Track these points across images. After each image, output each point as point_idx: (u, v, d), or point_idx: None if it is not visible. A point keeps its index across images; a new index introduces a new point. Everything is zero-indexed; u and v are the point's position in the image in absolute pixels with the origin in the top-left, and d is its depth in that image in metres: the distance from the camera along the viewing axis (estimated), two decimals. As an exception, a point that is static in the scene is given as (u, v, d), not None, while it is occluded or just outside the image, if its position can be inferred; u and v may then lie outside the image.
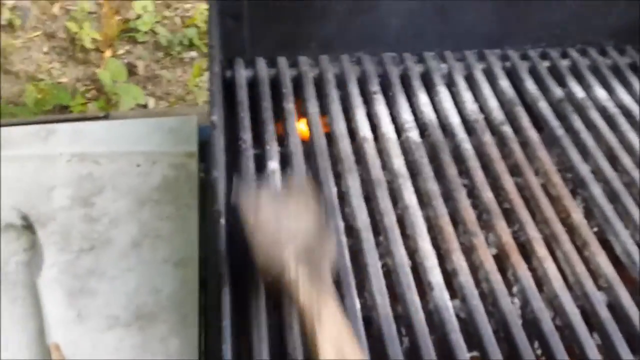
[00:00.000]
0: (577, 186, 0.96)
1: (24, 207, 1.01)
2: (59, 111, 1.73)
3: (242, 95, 1.06)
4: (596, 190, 0.94)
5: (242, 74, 1.11)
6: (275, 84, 1.09)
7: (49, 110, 1.72)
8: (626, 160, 0.98)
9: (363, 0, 1.11)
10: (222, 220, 0.75)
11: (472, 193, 0.94)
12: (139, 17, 2.03)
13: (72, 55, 1.98)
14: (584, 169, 0.97)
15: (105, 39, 1.98)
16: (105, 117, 1.34)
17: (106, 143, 1.15)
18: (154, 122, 1.20)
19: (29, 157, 1.10)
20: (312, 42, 1.15)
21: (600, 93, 1.11)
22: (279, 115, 1.04)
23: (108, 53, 1.98)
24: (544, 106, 1.08)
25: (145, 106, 1.89)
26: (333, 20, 1.14)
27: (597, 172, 0.97)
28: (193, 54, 2.04)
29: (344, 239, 0.85)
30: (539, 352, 0.76)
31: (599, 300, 0.80)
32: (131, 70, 1.97)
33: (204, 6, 2.06)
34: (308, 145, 0.99)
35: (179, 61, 2.02)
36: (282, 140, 0.99)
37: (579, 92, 1.11)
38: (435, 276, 0.81)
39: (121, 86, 1.84)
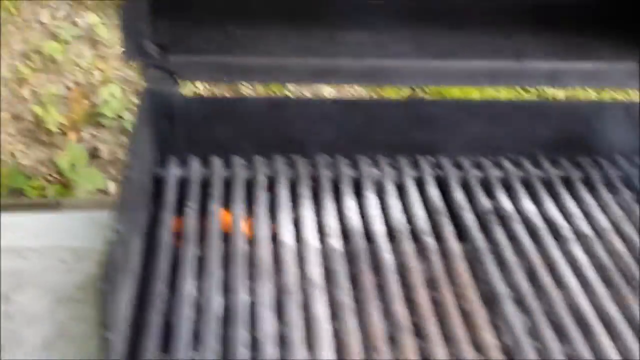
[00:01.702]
0: (491, 302, 0.95)
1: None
2: (13, 194, 1.74)
3: (169, 194, 1.07)
4: (509, 308, 0.93)
5: (173, 173, 1.12)
6: (206, 185, 1.10)
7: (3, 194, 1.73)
8: (545, 279, 0.98)
9: (291, 104, 1.14)
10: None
11: (385, 306, 0.93)
12: (106, 102, 2.07)
13: (36, 137, 2.00)
14: (500, 285, 0.96)
15: (70, 122, 2.01)
16: (57, 205, 1.35)
17: (37, 236, 1.15)
18: (88, 215, 1.20)
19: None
20: (246, 143, 1.17)
21: (528, 206, 1.12)
22: (204, 216, 1.04)
23: (72, 136, 2.01)
24: (469, 217, 1.09)
25: (105, 191, 1.90)
26: (266, 123, 1.16)
27: (513, 289, 0.96)
28: (158, 140, 2.06)
29: (244, 350, 0.84)
30: None
31: None
32: (94, 154, 1.99)
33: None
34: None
35: (143, 147, 2.04)
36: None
37: (506, 204, 1.12)
38: (330, 395, 0.79)
39: (80, 171, 1.85)
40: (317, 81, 1.33)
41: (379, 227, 1.05)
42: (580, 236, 1.06)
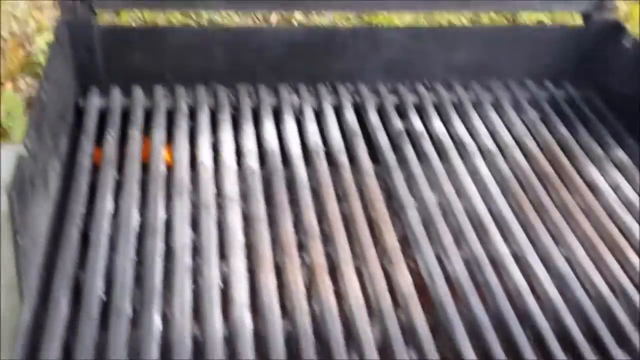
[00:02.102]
0: (397, 212, 1.01)
1: None
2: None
3: (89, 123, 1.10)
4: (413, 216, 0.99)
5: (95, 103, 1.14)
6: (127, 113, 1.13)
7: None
8: (449, 189, 1.04)
9: (212, 33, 1.17)
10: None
11: (297, 217, 0.98)
12: (42, 51, 2.05)
13: (-28, 87, 1.98)
14: (407, 197, 1.02)
15: (6, 72, 2.00)
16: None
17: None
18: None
19: None
20: (167, 73, 1.19)
21: (439, 126, 1.17)
22: (125, 142, 1.07)
23: (8, 86, 1.99)
24: (382, 137, 1.14)
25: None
26: (187, 52, 1.19)
27: (418, 200, 1.03)
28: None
29: (158, 259, 0.88)
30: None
31: (392, 317, 0.84)
32: (30, 102, 1.98)
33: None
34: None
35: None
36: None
37: (418, 125, 1.17)
38: (239, 294, 0.85)
39: (17, 119, 1.85)
40: (232, 8, 1.33)
41: (295, 149, 1.10)
42: (484, 152, 1.13)
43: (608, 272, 0.93)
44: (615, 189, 1.08)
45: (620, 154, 1.15)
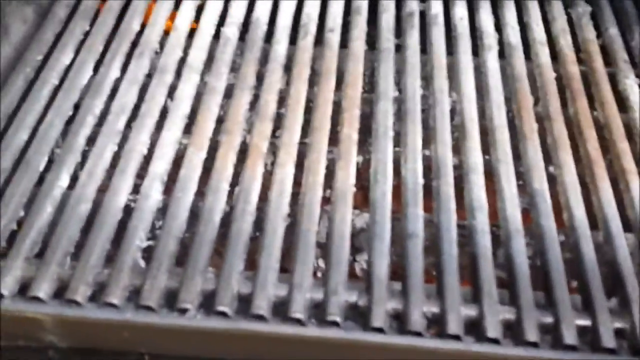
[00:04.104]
0: (374, 100, 0.88)
1: None
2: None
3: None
4: (386, 106, 0.86)
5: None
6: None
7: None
8: (441, 82, 0.89)
9: None
10: None
11: (257, 95, 0.88)
12: None
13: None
14: (387, 84, 0.89)
15: None
16: None
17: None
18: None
19: None
20: None
21: (461, 11, 1.00)
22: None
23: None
24: (388, 18, 0.99)
25: None
26: None
27: (401, 90, 0.89)
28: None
29: (91, 119, 0.83)
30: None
31: (314, 211, 0.74)
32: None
33: None
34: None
35: None
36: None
37: (437, 8, 1.00)
38: (157, 165, 0.78)
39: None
40: None
41: (284, 21, 0.98)
42: (504, 45, 0.95)
43: (597, 201, 0.76)
44: (652, 106, 0.87)
45: (679, 67, 0.93)
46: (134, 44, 0.94)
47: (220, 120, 0.85)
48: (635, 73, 0.92)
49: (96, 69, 0.90)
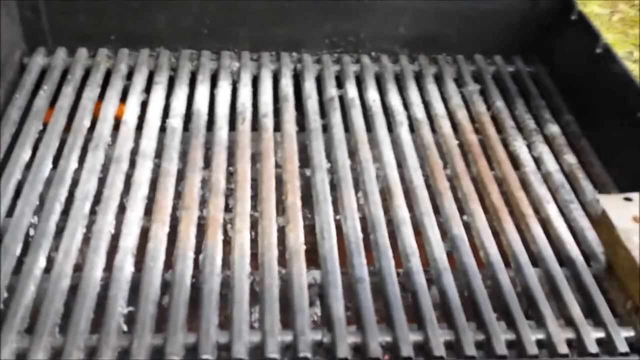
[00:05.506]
0: (311, 172, 1.01)
1: None
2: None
3: (28, 79, 1.13)
4: (322, 176, 0.99)
5: (38, 61, 1.18)
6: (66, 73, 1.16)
7: None
8: (365, 154, 1.04)
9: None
10: None
11: (207, 175, 0.99)
12: None
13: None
14: (320, 158, 1.03)
15: None
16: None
17: None
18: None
19: None
20: (113, 35, 1.22)
21: (373, 95, 1.17)
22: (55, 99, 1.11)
23: None
24: (312, 104, 1.14)
25: None
26: (131, 16, 1.21)
27: (332, 162, 1.03)
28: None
29: (58, 206, 0.91)
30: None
31: (272, 269, 0.84)
32: None
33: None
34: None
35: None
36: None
37: (352, 93, 1.17)
38: (126, 240, 0.87)
39: None
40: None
41: (222, 110, 1.11)
42: (412, 121, 1.12)
43: (505, 240, 0.92)
44: (538, 161, 1.06)
45: (554, 129, 1.13)
46: (87, 139, 1.03)
47: (177, 198, 0.95)
48: (522, 137, 1.11)
49: (55, 162, 0.99)
